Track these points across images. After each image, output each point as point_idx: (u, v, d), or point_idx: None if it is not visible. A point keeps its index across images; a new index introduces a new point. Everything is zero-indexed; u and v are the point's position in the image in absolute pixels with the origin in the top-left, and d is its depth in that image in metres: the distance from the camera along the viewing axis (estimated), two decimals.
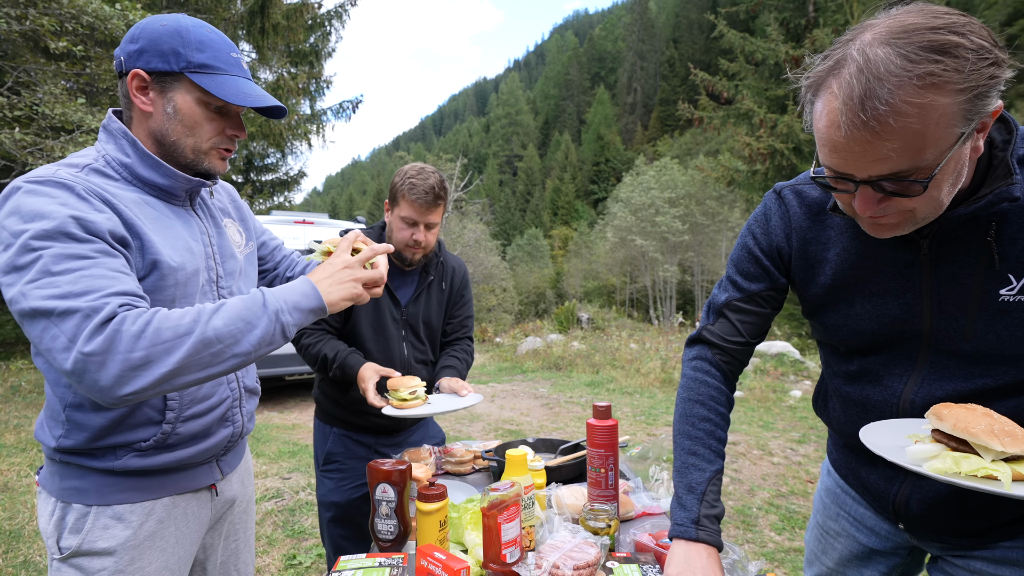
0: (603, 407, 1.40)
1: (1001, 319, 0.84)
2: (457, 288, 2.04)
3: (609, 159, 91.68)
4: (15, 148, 6.69)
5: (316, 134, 14.67)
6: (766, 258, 1.07)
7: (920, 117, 0.68)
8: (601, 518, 1.22)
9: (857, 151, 0.73)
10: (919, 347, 0.93)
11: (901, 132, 0.70)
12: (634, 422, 6.16)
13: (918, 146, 0.70)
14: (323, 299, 1.00)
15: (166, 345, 0.83)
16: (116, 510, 1.05)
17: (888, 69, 0.68)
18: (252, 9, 13.17)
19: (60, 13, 6.75)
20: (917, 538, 1.06)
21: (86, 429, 1.01)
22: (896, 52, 0.68)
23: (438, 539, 1.18)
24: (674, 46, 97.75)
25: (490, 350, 13.30)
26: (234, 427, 1.20)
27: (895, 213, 0.80)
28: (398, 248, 1.83)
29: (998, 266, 0.83)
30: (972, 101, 0.69)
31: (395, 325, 1.90)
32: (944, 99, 0.68)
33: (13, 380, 7.62)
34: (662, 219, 29.19)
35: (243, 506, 1.34)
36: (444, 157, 23.19)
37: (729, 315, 1.11)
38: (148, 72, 1.01)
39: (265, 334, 0.92)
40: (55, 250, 0.84)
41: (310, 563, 2.99)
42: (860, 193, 0.79)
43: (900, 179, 0.74)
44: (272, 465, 4.65)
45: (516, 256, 48.13)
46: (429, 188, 1.75)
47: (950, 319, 0.89)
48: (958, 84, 0.68)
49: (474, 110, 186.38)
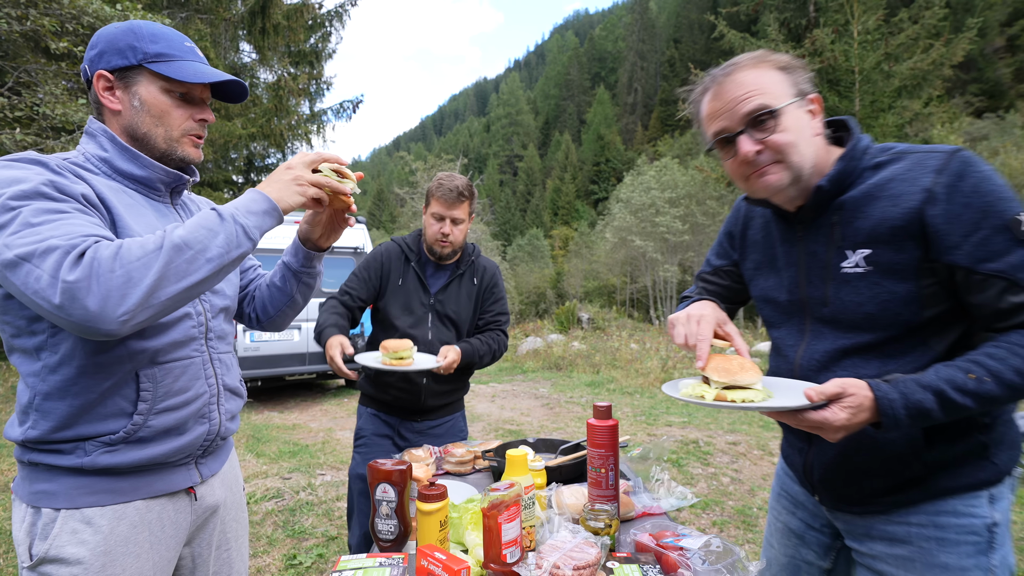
0: (603, 407, 1.40)
1: (844, 288, 1.04)
2: (487, 285, 2.25)
3: (609, 159, 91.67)
4: (16, 148, 6.70)
5: (316, 134, 14.68)
6: (727, 240, 1.36)
7: (756, 73, 1.03)
8: (601, 518, 1.22)
9: (726, 104, 1.04)
10: (804, 318, 1.14)
11: (747, 83, 1.02)
12: (634, 422, 6.16)
13: (761, 90, 1.01)
14: (270, 198, 1.01)
15: (141, 261, 0.86)
16: (85, 513, 1.01)
17: (732, 62, 1.06)
18: (253, 9, 13.18)
19: (61, 13, 6.76)
20: (828, 508, 1.20)
21: (52, 417, 0.99)
22: (734, 62, 1.07)
23: (438, 539, 1.18)
24: (675, 46, 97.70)
25: None
26: (210, 424, 1.16)
27: (772, 163, 1.03)
28: (430, 243, 2.12)
29: (840, 244, 1.05)
30: (789, 75, 1.03)
31: (422, 309, 2.15)
32: (768, 69, 1.03)
33: (14, 380, 7.62)
34: (662, 219, 29.17)
35: (233, 513, 1.30)
36: (444, 157, 23.18)
37: (699, 283, 1.42)
38: (110, 71, 1.07)
39: (229, 236, 0.94)
40: (33, 206, 0.89)
41: (310, 563, 2.99)
42: (739, 144, 1.03)
43: (759, 117, 1.01)
44: (272, 465, 4.65)
45: (516, 256, 48.14)
46: (454, 187, 2.05)
47: (815, 288, 1.10)
48: (773, 62, 1.04)
49: (474, 110, 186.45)
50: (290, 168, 1.06)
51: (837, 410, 0.91)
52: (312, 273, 1.34)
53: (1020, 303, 0.91)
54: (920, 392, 0.90)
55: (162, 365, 1.06)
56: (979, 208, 0.92)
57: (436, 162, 22.13)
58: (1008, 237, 0.90)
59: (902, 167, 1.00)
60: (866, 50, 11.06)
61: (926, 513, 1.04)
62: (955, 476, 1.02)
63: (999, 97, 34.24)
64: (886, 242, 0.99)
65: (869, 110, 11.05)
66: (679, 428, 5.81)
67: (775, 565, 1.33)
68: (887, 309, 1.00)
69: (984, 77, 36.74)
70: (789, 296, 1.16)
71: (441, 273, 2.21)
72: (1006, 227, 0.91)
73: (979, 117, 27.66)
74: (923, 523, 1.04)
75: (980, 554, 1.00)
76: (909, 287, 0.98)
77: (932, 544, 1.03)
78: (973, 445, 1.02)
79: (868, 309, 1.01)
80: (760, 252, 1.24)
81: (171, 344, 1.08)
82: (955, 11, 29.90)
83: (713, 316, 1.11)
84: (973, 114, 28.57)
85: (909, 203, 0.96)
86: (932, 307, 0.98)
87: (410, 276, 2.16)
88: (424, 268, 2.19)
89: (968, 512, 1.02)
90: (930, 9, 11.59)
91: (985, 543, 1.01)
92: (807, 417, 0.93)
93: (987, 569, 1.00)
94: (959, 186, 0.93)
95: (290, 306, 1.37)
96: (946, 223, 0.93)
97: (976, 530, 1.01)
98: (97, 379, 1.00)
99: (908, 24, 11.59)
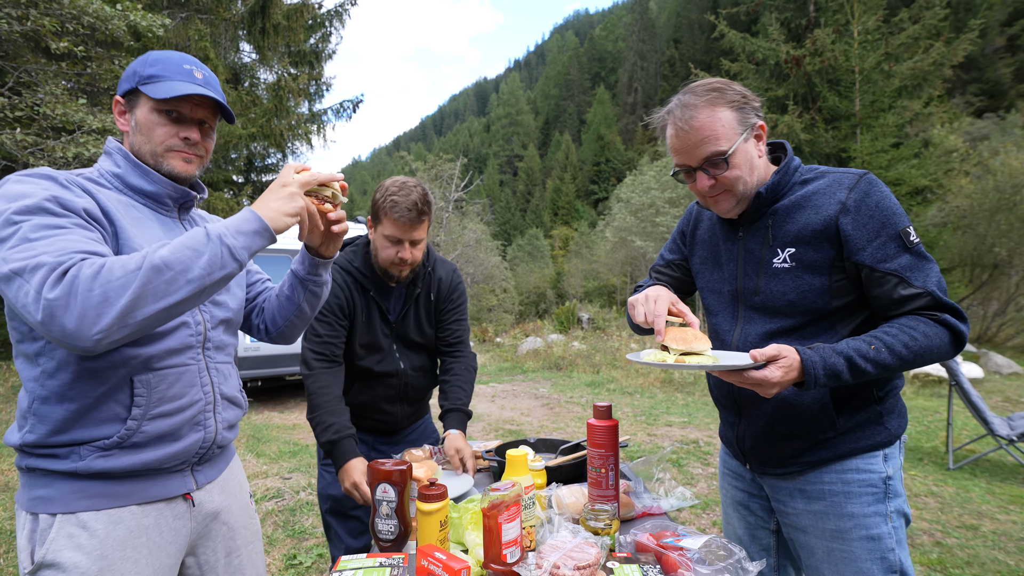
0: (603, 407, 1.40)
1: (774, 280, 1.26)
2: (444, 295, 1.99)
3: (609, 159, 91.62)
4: (16, 148, 6.70)
5: (316, 134, 14.68)
6: (679, 238, 1.55)
7: (710, 119, 1.20)
8: (602, 518, 1.22)
9: (686, 146, 1.23)
10: (738, 306, 1.35)
11: (703, 129, 1.20)
12: (634, 422, 6.15)
13: (715, 136, 1.20)
14: (262, 219, 1.01)
15: (119, 281, 0.87)
16: (81, 518, 1.02)
17: (691, 100, 1.22)
18: (253, 9, 13.19)
19: (61, 14, 6.76)
20: (757, 475, 1.40)
21: (48, 421, 1.00)
22: (692, 95, 1.23)
23: (438, 539, 1.18)
24: (675, 46, 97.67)
25: (491, 350, 13.30)
26: (206, 432, 1.16)
27: (722, 192, 1.25)
28: (384, 267, 1.80)
29: (771, 243, 1.27)
30: (740, 112, 1.21)
31: (387, 340, 1.90)
32: (722, 110, 1.20)
33: (15, 380, 7.62)
34: (662, 219, 29.14)
35: (241, 520, 1.30)
36: (444, 157, 23.14)
37: (653, 275, 1.59)
38: (122, 96, 1.16)
39: (213, 258, 0.94)
40: (33, 221, 0.92)
41: (310, 563, 2.99)
42: (698, 176, 1.25)
43: (713, 160, 1.21)
44: (272, 465, 4.65)
45: (516, 256, 48.10)
46: (412, 204, 1.69)
47: (749, 279, 1.31)
48: (726, 102, 1.21)
49: (474, 110, 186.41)
50: (285, 186, 1.06)
51: (774, 368, 1.10)
52: (318, 281, 1.34)
53: (908, 295, 1.15)
54: (835, 357, 1.12)
55: (156, 371, 1.07)
56: (879, 220, 1.16)
57: (436, 162, 22.11)
58: (899, 244, 1.16)
59: (823, 183, 1.23)
60: (866, 50, 11.05)
61: (835, 472, 1.26)
62: (857, 439, 1.25)
63: (999, 97, 34.20)
64: (808, 242, 1.21)
65: (869, 110, 11.04)
66: (679, 428, 5.81)
67: (734, 536, 1.51)
68: (805, 298, 1.22)
69: (984, 77, 36.72)
70: (729, 287, 1.37)
71: (396, 294, 1.92)
72: (898, 235, 1.16)
73: (979, 117, 27.63)
74: (833, 481, 1.26)
75: (878, 502, 1.23)
76: (823, 280, 1.21)
77: (841, 498, 1.25)
78: (871, 414, 1.25)
79: (791, 298, 1.23)
80: (706, 249, 1.45)
81: (166, 351, 1.09)
82: (955, 11, 29.89)
83: (667, 296, 1.28)
84: (973, 114, 28.54)
85: (827, 212, 1.19)
86: (840, 298, 1.21)
87: (371, 308, 1.87)
88: (382, 295, 1.89)
89: (867, 468, 1.24)
90: (930, 9, 11.58)
91: (882, 493, 1.24)
92: (750, 376, 1.11)
93: (884, 515, 1.23)
94: (865, 201, 1.17)
95: (298, 316, 1.37)
96: (854, 230, 1.17)
97: (874, 483, 1.24)
98: (92, 384, 1.01)
99: (908, 24, 11.58)
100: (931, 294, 1.14)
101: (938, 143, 13.47)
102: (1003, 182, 13.10)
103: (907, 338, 1.11)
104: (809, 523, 1.28)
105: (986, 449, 4.75)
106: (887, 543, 1.21)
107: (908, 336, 1.11)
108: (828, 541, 1.25)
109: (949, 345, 1.14)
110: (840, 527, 1.24)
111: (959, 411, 5.65)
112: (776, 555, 1.45)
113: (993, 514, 3.57)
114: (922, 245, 1.19)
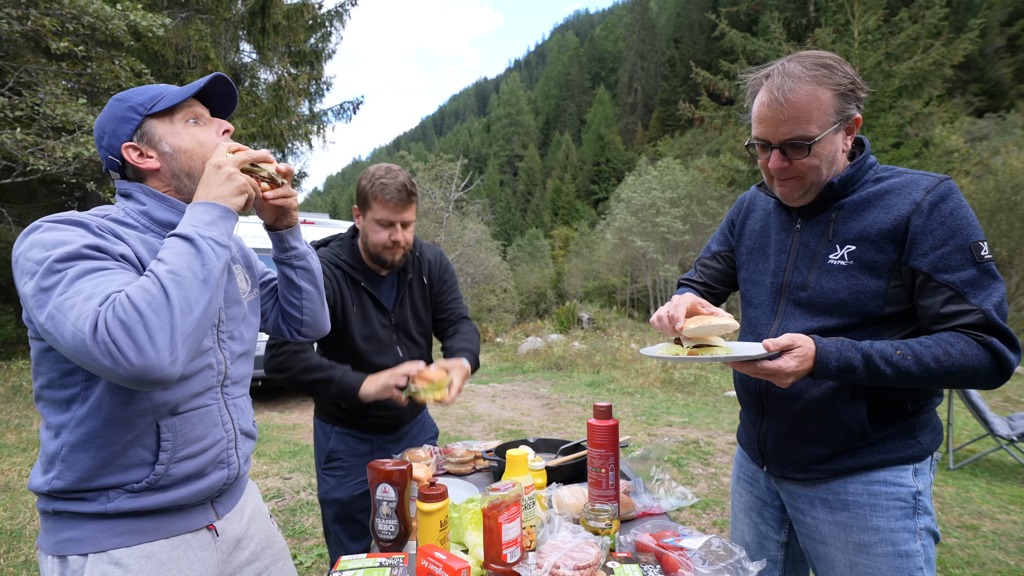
0: (604, 407, 1.40)
1: (826, 276, 1.20)
2: (437, 276, 2.01)
3: (610, 159, 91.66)
4: (16, 148, 6.70)
5: (316, 134, 14.66)
6: (728, 228, 1.51)
7: (809, 98, 1.11)
8: (602, 518, 1.22)
9: (775, 118, 1.14)
10: (779, 299, 1.30)
11: (798, 106, 1.12)
12: (635, 422, 6.15)
13: (808, 118, 1.12)
14: (219, 204, 1.02)
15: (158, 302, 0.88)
16: (113, 555, 1.03)
17: (795, 70, 1.13)
18: (253, 9, 13.18)
19: (61, 13, 6.75)
20: (775, 478, 1.35)
21: (77, 468, 1.01)
22: (799, 64, 1.14)
23: (439, 539, 1.18)
24: (675, 46, 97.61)
25: (491, 350, 13.29)
26: (229, 470, 1.17)
27: (792, 178, 1.20)
28: (377, 252, 1.79)
29: (831, 238, 1.21)
30: (842, 100, 1.13)
31: (386, 331, 1.89)
32: (824, 92, 1.12)
33: (15, 380, 7.62)
34: (663, 219, 29.15)
35: (268, 543, 1.30)
36: (445, 157, 23.13)
37: (698, 267, 1.57)
38: (130, 138, 1.11)
39: (206, 254, 0.96)
40: (77, 268, 0.91)
41: (311, 563, 2.99)
42: (773, 154, 1.18)
43: (795, 143, 1.14)
44: (272, 465, 4.65)
45: (517, 256, 48.12)
46: (400, 186, 1.73)
47: (798, 273, 1.26)
48: (832, 85, 1.12)
49: (475, 110, 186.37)
50: (220, 167, 1.06)
51: (788, 358, 1.06)
52: (297, 253, 1.33)
53: (956, 311, 1.08)
54: (852, 351, 1.08)
55: (181, 415, 1.08)
56: (950, 227, 1.10)
57: (436, 162, 22.09)
58: (967, 256, 1.09)
59: (899, 182, 1.17)
60: (866, 50, 11.05)
61: (861, 482, 1.20)
62: (886, 451, 1.19)
63: (1000, 97, 34.21)
64: (871, 242, 1.16)
65: (869, 110, 11.03)
66: (679, 428, 5.81)
67: (742, 542, 1.46)
68: (857, 299, 1.16)
69: (985, 77, 36.73)
70: (772, 279, 1.32)
71: (388, 282, 1.92)
72: (968, 248, 1.09)
73: (980, 117, 27.63)
74: (858, 492, 1.20)
75: (907, 518, 1.17)
76: (880, 283, 1.15)
77: (866, 510, 1.19)
78: (904, 427, 1.20)
79: (841, 296, 1.18)
80: (754, 239, 1.41)
81: (191, 395, 1.10)
82: (955, 11, 29.85)
83: (689, 299, 1.23)
84: (974, 114, 28.54)
85: (899, 211, 1.13)
86: (893, 305, 1.15)
87: (364, 299, 1.86)
88: (374, 284, 1.89)
89: (896, 482, 1.19)
90: (930, 9, 11.57)
91: (911, 509, 1.18)
92: (764, 366, 1.08)
93: (914, 532, 1.17)
94: (940, 206, 1.11)
95: (306, 298, 1.36)
96: (922, 233, 1.11)
97: (902, 496, 1.18)
98: (121, 432, 1.02)
99: (908, 24, 11.57)
100: (984, 313, 1.06)
101: (938, 143, 13.49)
102: (1003, 182, 13.11)
103: (940, 352, 1.05)
104: (831, 534, 1.22)
105: (986, 449, 4.76)
106: (916, 561, 1.15)
107: (942, 350, 1.05)
108: (851, 555, 1.19)
109: (991, 371, 1.05)
110: (865, 540, 1.18)
111: (959, 411, 5.66)
112: (782, 569, 1.39)
113: (993, 514, 3.57)
114: (993, 263, 1.11)
